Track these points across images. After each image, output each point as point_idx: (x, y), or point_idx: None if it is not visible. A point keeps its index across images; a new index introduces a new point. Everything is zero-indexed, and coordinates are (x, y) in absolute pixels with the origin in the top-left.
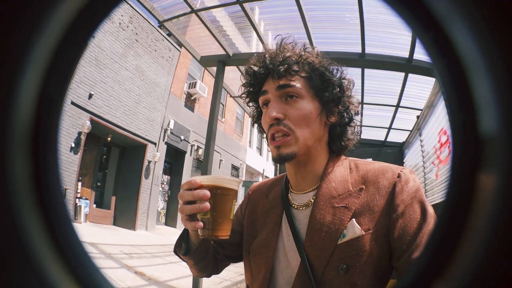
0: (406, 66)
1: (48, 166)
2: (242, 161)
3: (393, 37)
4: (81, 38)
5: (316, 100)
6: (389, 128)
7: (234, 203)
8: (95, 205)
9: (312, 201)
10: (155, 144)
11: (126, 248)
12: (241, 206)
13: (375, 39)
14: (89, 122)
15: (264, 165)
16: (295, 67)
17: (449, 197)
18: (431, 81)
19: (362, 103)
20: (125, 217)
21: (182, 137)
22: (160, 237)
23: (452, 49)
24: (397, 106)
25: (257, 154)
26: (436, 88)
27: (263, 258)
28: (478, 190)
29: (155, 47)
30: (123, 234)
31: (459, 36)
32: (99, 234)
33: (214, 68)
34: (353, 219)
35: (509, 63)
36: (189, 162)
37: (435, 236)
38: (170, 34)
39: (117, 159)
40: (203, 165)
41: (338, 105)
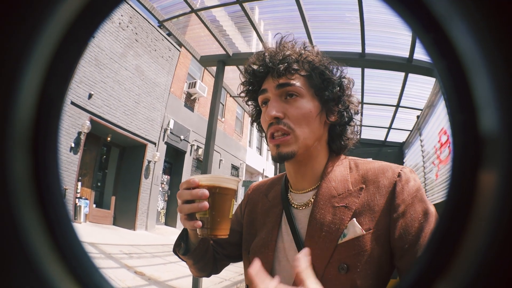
0: (406, 66)
1: (48, 166)
2: (242, 161)
3: (393, 37)
4: (81, 38)
5: (316, 99)
6: (389, 128)
7: (233, 202)
8: (95, 205)
9: (312, 200)
10: (155, 144)
11: (126, 248)
12: (240, 205)
13: (375, 39)
14: (89, 122)
15: (264, 165)
16: (295, 66)
17: (450, 196)
18: (431, 81)
19: (362, 103)
20: (125, 217)
21: (182, 137)
22: (160, 237)
23: (452, 49)
24: (397, 106)
25: (257, 154)
26: (436, 88)
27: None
28: (478, 189)
29: (155, 47)
30: (123, 234)
31: (459, 36)
32: (99, 234)
33: (214, 68)
34: (354, 219)
35: (509, 63)
36: (189, 162)
37: (436, 235)
38: (170, 34)
39: (117, 159)
40: (203, 165)
41: (338, 104)
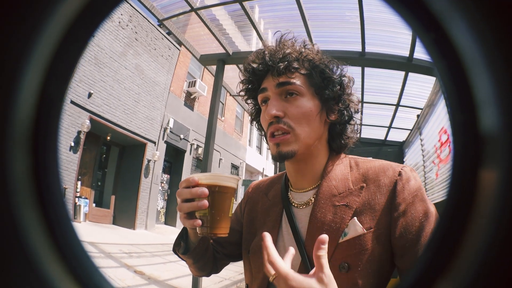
0: (406, 65)
1: (48, 165)
2: (241, 160)
3: (393, 35)
4: (81, 38)
5: (316, 98)
6: (389, 127)
7: (232, 201)
8: (94, 204)
9: (312, 199)
10: (154, 143)
11: (125, 247)
12: (240, 204)
13: (375, 38)
14: (89, 121)
15: (263, 164)
16: (295, 64)
17: (450, 195)
18: (432, 80)
19: (362, 102)
20: (124, 216)
21: (181, 136)
22: (159, 236)
23: (452, 49)
24: (397, 105)
25: (257, 153)
26: (436, 87)
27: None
28: (479, 188)
29: (154, 45)
30: (123, 233)
31: (459, 35)
32: (98, 233)
33: (213, 66)
34: (355, 218)
35: (509, 63)
36: (188, 161)
37: (436, 234)
38: (169, 32)
39: (116, 158)
40: (203, 164)
41: (338, 103)
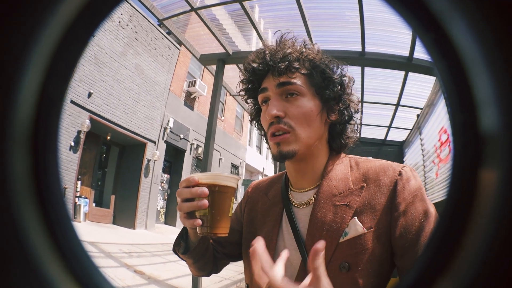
0: (406, 64)
1: (48, 165)
2: (241, 159)
3: (393, 35)
4: (81, 38)
5: (316, 97)
6: (389, 126)
7: (232, 200)
8: (94, 204)
9: (312, 199)
10: (154, 142)
11: (125, 247)
12: (240, 204)
13: (375, 38)
14: (89, 120)
15: (263, 164)
16: (296, 64)
17: (450, 195)
18: (431, 79)
19: (362, 102)
20: (124, 216)
21: (181, 136)
22: (159, 236)
23: (452, 48)
24: (397, 104)
25: (257, 152)
26: (436, 86)
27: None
28: (479, 188)
29: (154, 45)
30: (123, 233)
31: (459, 35)
32: (98, 233)
33: (213, 66)
34: (355, 217)
35: (509, 63)
36: (188, 160)
37: (436, 234)
38: (169, 32)
39: (116, 158)
40: (203, 164)
41: (338, 102)
